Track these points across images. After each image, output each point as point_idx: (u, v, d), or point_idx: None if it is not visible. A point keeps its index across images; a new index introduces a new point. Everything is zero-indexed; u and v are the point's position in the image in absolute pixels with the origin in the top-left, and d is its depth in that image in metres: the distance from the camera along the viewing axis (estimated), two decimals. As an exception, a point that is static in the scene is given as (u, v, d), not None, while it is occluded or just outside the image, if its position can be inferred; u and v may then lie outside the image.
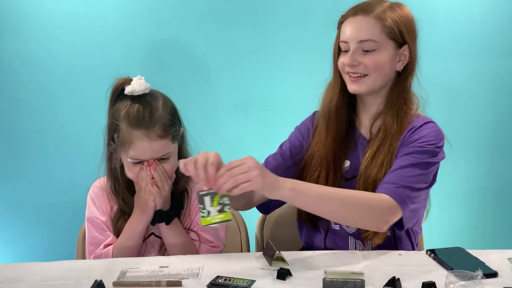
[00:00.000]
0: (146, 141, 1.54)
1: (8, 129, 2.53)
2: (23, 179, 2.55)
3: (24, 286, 1.34)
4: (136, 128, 1.54)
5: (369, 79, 1.59)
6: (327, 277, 1.26)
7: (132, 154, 1.55)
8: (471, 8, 2.47)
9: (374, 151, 1.60)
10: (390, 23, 1.57)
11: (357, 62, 1.57)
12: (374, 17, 1.57)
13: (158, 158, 1.57)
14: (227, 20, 2.48)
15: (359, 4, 1.62)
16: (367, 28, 1.57)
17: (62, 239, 2.23)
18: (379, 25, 1.57)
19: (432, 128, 1.60)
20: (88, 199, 1.69)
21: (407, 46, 1.61)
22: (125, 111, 1.56)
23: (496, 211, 2.63)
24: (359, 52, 1.57)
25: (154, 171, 1.56)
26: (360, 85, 1.59)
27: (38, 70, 2.48)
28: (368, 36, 1.57)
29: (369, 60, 1.57)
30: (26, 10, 2.44)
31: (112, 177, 1.66)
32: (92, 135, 1.77)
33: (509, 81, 2.54)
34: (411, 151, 1.54)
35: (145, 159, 1.56)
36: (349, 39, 1.58)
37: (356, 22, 1.58)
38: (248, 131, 2.55)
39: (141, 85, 1.57)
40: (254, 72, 2.52)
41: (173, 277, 1.34)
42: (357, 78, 1.59)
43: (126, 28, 2.46)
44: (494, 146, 2.59)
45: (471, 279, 1.20)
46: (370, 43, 1.57)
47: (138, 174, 1.58)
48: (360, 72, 1.58)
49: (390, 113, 1.62)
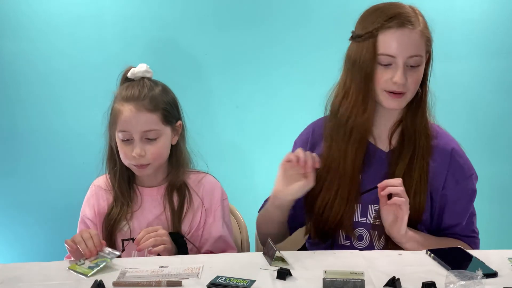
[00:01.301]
0: (133, 111, 1.58)
1: (8, 129, 2.53)
2: (23, 179, 2.55)
3: (24, 286, 1.34)
4: (126, 101, 1.60)
5: (408, 95, 1.52)
6: (327, 277, 1.26)
7: (120, 126, 1.59)
8: (471, 8, 2.47)
9: (406, 163, 1.56)
10: (428, 35, 1.52)
11: (406, 80, 1.48)
12: (420, 30, 1.49)
13: (146, 136, 1.59)
14: (227, 20, 2.48)
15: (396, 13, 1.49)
16: (416, 43, 1.48)
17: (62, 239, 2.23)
18: (423, 38, 1.50)
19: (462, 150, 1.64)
20: (84, 199, 1.72)
21: (430, 53, 1.56)
22: (120, 91, 1.63)
23: (496, 211, 2.63)
24: (405, 68, 1.48)
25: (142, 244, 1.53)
26: (400, 102, 1.52)
27: (38, 70, 2.48)
28: (418, 51, 1.49)
29: (414, 77, 1.50)
30: (25, 11, 2.44)
31: (111, 163, 1.69)
32: (92, 135, 1.77)
33: (509, 81, 2.54)
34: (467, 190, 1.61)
35: (131, 132, 1.59)
36: (398, 54, 1.47)
37: (405, 35, 1.47)
38: (248, 131, 2.55)
39: (141, 67, 1.65)
40: (254, 72, 2.51)
41: (173, 277, 1.34)
42: (399, 95, 1.50)
43: (126, 28, 2.46)
44: (494, 146, 2.59)
45: (471, 279, 1.19)
46: (418, 59, 1.49)
47: (127, 154, 1.61)
48: (403, 91, 1.50)
49: (413, 122, 1.58)
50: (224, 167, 1.87)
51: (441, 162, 1.60)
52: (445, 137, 1.64)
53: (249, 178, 2.54)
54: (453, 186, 1.60)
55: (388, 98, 1.52)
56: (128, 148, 1.61)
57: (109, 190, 1.69)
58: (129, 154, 1.61)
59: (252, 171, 2.55)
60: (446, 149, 1.61)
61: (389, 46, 1.47)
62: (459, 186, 1.61)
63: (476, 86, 2.54)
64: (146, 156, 1.60)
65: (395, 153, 1.59)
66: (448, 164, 1.60)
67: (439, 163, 1.59)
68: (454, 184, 1.60)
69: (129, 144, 1.61)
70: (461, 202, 1.62)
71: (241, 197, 2.01)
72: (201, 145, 1.79)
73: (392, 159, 1.59)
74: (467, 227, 1.64)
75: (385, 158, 1.61)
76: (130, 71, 1.66)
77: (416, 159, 1.57)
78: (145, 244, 1.50)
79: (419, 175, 1.56)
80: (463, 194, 1.61)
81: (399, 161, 1.58)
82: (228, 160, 2.46)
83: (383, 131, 1.62)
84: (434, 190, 1.59)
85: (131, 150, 1.60)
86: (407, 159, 1.57)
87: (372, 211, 1.60)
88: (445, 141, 1.63)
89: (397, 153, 1.59)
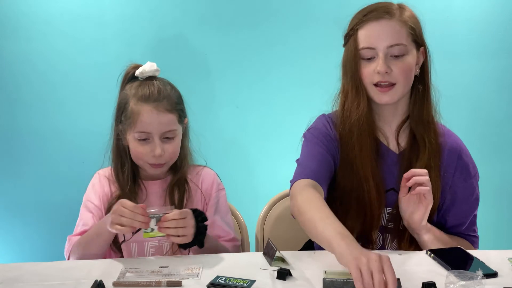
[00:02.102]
0: (154, 113, 1.59)
1: (7, 129, 2.53)
2: (23, 179, 2.55)
3: (24, 286, 1.34)
4: (145, 102, 1.60)
5: (399, 87, 1.52)
6: (327, 277, 1.26)
7: (140, 127, 1.59)
8: (471, 8, 2.47)
9: (424, 165, 1.54)
10: (412, 24, 1.52)
11: (390, 69, 1.49)
12: (399, 19, 1.50)
13: (164, 136, 1.61)
14: (227, 20, 2.48)
15: (373, 8, 1.53)
16: (395, 32, 1.49)
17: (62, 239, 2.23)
18: (404, 27, 1.50)
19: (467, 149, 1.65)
20: (89, 185, 1.72)
21: (424, 47, 1.57)
22: (134, 90, 1.63)
23: (496, 211, 2.63)
24: (388, 58, 1.50)
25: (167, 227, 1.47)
26: (391, 95, 1.52)
27: (38, 70, 2.48)
28: (398, 39, 1.49)
29: (400, 67, 1.50)
30: (25, 11, 2.44)
31: (117, 162, 1.69)
32: (92, 135, 1.77)
33: (509, 81, 2.54)
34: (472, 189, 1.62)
35: (152, 133, 1.59)
36: (377, 45, 1.49)
37: (382, 26, 1.50)
38: (248, 131, 2.55)
39: (152, 66, 1.65)
40: (254, 72, 2.51)
41: (173, 277, 1.34)
42: (388, 88, 1.51)
43: (126, 28, 2.46)
44: (494, 146, 2.59)
45: (471, 279, 1.19)
46: (401, 48, 1.50)
47: (143, 153, 1.61)
48: (390, 81, 1.51)
49: (421, 121, 1.57)
50: (225, 167, 1.87)
51: (450, 161, 1.60)
52: (452, 136, 1.65)
53: (249, 178, 2.54)
54: (461, 185, 1.61)
55: (378, 93, 1.53)
56: (144, 148, 1.61)
57: (113, 181, 1.70)
58: (145, 153, 1.61)
59: (252, 171, 2.55)
60: (454, 147, 1.61)
61: (368, 39, 1.50)
62: (466, 185, 1.61)
63: (476, 86, 2.54)
64: (164, 156, 1.62)
65: (406, 154, 1.58)
66: (456, 163, 1.61)
67: (447, 162, 1.60)
68: (462, 182, 1.61)
69: (146, 144, 1.61)
70: (467, 201, 1.62)
71: (241, 197, 2.01)
72: (201, 145, 1.79)
73: (405, 160, 1.58)
74: (470, 226, 1.64)
75: (397, 160, 1.59)
76: (138, 69, 1.66)
77: (432, 160, 1.56)
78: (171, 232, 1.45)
79: (437, 177, 1.56)
80: (469, 193, 1.62)
81: (415, 161, 1.56)
82: (229, 161, 2.46)
83: (390, 131, 1.61)
84: (443, 189, 1.60)
85: (147, 149, 1.61)
86: (424, 159, 1.56)
87: (385, 214, 1.60)
88: (453, 139, 1.64)
89: (410, 154, 1.57)
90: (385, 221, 1.60)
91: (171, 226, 1.44)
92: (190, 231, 1.46)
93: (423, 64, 1.58)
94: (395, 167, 1.59)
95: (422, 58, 1.57)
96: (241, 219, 1.89)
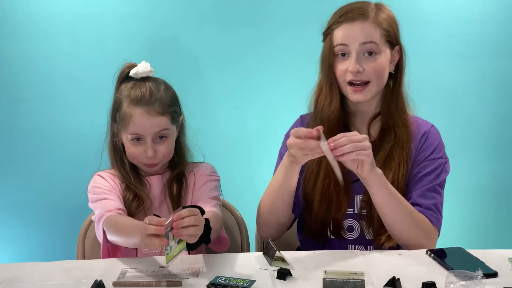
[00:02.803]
0: (145, 116, 1.60)
1: (7, 129, 2.52)
2: (23, 179, 2.55)
3: (24, 286, 1.34)
4: (137, 105, 1.62)
5: (372, 86, 1.57)
6: (327, 277, 1.26)
7: (132, 129, 1.62)
8: (471, 8, 2.47)
9: (386, 154, 1.60)
10: (387, 25, 1.57)
11: (362, 68, 1.54)
12: (373, 21, 1.55)
13: (157, 136, 1.62)
14: (227, 20, 2.48)
15: (349, 9, 1.58)
16: (368, 32, 1.55)
17: (62, 239, 2.23)
18: (378, 29, 1.56)
19: (438, 134, 1.66)
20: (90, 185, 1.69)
21: (399, 46, 1.61)
22: (127, 91, 1.64)
23: (496, 211, 2.63)
24: (361, 56, 1.55)
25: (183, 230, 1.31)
26: (365, 94, 1.58)
27: (38, 70, 2.47)
28: (370, 38, 1.55)
29: (372, 67, 1.55)
30: (25, 11, 2.44)
31: (117, 159, 1.70)
32: (92, 135, 1.77)
33: (509, 81, 2.54)
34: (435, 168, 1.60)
35: (144, 135, 1.62)
36: (350, 41, 1.55)
37: (355, 26, 1.55)
38: (248, 131, 2.55)
39: (146, 67, 1.66)
40: (254, 72, 2.51)
41: (173, 277, 1.34)
42: (361, 88, 1.56)
43: (126, 28, 2.46)
44: (494, 146, 2.58)
45: (471, 279, 1.19)
46: (373, 46, 1.55)
47: (137, 153, 1.63)
48: (363, 79, 1.56)
49: (390, 113, 1.62)
50: (224, 167, 1.87)
51: (416, 143, 1.63)
52: (424, 124, 1.68)
53: (249, 179, 2.54)
54: (423, 162, 1.62)
55: (351, 92, 1.58)
56: (138, 149, 1.64)
57: (117, 176, 1.70)
58: (138, 154, 1.64)
59: (252, 171, 2.55)
60: (424, 131, 1.64)
61: (341, 37, 1.56)
62: (427, 163, 1.62)
63: (476, 86, 2.54)
64: (157, 156, 1.64)
65: (376, 144, 1.61)
66: (422, 143, 1.63)
67: (415, 145, 1.63)
68: (424, 160, 1.62)
69: (139, 145, 1.64)
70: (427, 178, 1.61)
71: (241, 197, 2.01)
72: (201, 145, 1.79)
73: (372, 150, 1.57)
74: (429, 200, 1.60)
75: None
76: (132, 70, 1.67)
77: (396, 148, 1.60)
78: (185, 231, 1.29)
79: (397, 164, 1.59)
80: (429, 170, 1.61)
81: (379, 151, 1.60)
82: (229, 161, 2.46)
83: (362, 124, 1.67)
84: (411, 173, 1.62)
85: (141, 150, 1.63)
86: (387, 148, 1.60)
87: (359, 201, 1.63)
88: (424, 125, 1.66)
89: (378, 144, 1.62)
90: (359, 209, 1.63)
91: (190, 224, 1.28)
92: (201, 229, 1.33)
93: (398, 62, 1.63)
94: None
95: (397, 57, 1.62)
96: (241, 219, 1.89)
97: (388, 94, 1.63)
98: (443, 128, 1.71)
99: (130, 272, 1.38)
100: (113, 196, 1.65)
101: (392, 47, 1.60)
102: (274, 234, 1.64)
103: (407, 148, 1.61)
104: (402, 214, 1.52)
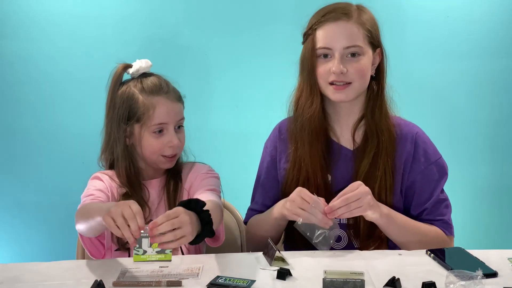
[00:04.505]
0: (168, 103, 1.62)
1: (7, 129, 2.53)
2: (23, 179, 2.55)
3: (24, 286, 1.34)
4: (156, 94, 1.61)
5: (354, 86, 1.56)
6: (327, 277, 1.26)
7: (157, 119, 1.60)
8: (471, 8, 2.47)
9: (370, 161, 1.58)
10: (369, 25, 1.56)
11: (345, 69, 1.53)
12: (356, 21, 1.54)
13: (177, 125, 1.64)
14: (227, 20, 2.48)
15: (332, 9, 1.57)
16: (352, 34, 1.54)
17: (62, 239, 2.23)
18: (362, 29, 1.55)
19: (425, 135, 1.65)
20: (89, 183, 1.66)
21: (380, 49, 1.61)
22: (139, 85, 1.63)
23: (496, 211, 2.63)
24: (344, 58, 1.54)
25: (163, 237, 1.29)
26: (347, 93, 1.56)
27: (38, 70, 2.48)
28: (355, 41, 1.54)
29: (355, 67, 1.54)
30: (25, 11, 2.44)
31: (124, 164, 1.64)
32: (92, 135, 1.77)
33: (509, 81, 2.54)
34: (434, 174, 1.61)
35: (168, 123, 1.61)
36: (334, 46, 1.54)
37: (339, 27, 1.54)
38: (248, 131, 2.55)
39: (147, 62, 1.67)
40: (254, 72, 2.51)
41: (173, 277, 1.34)
42: (343, 87, 1.55)
43: (126, 28, 2.46)
44: (494, 146, 2.59)
45: (471, 279, 1.19)
46: (357, 49, 1.54)
47: (160, 146, 1.61)
48: (346, 80, 1.55)
49: (373, 118, 1.60)
50: (224, 167, 1.87)
51: (407, 149, 1.61)
52: (408, 125, 1.66)
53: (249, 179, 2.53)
54: (419, 171, 1.61)
55: (333, 92, 1.57)
56: (161, 140, 1.62)
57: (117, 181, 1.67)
58: (161, 146, 1.62)
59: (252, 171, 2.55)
60: (410, 136, 1.63)
61: (325, 39, 1.54)
62: (425, 171, 1.61)
63: (476, 86, 2.54)
64: (180, 145, 1.65)
65: (360, 151, 1.61)
66: (414, 150, 1.62)
67: (404, 151, 1.61)
68: (420, 168, 1.61)
69: (161, 136, 1.63)
70: (428, 187, 1.61)
71: (241, 197, 2.01)
72: (201, 145, 1.79)
73: (357, 157, 1.61)
74: (435, 210, 1.61)
75: (351, 157, 1.63)
76: (133, 67, 1.65)
77: (380, 155, 1.59)
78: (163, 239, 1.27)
79: (383, 171, 1.58)
80: (429, 178, 1.62)
81: (363, 158, 1.59)
82: (228, 161, 2.46)
83: (346, 129, 1.65)
84: (404, 179, 1.61)
85: (164, 141, 1.62)
86: (371, 156, 1.59)
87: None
88: (409, 128, 1.65)
89: (362, 151, 1.61)
90: (345, 219, 1.61)
91: (166, 230, 1.26)
92: (187, 228, 1.28)
93: (379, 65, 1.62)
94: (349, 164, 1.62)
95: (378, 59, 1.62)
96: (241, 219, 1.89)
97: (372, 98, 1.61)
98: (443, 128, 1.71)
99: (130, 272, 1.38)
100: (101, 194, 1.60)
101: (374, 49, 1.59)
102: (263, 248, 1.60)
103: (392, 153, 1.60)
104: (416, 237, 1.55)
